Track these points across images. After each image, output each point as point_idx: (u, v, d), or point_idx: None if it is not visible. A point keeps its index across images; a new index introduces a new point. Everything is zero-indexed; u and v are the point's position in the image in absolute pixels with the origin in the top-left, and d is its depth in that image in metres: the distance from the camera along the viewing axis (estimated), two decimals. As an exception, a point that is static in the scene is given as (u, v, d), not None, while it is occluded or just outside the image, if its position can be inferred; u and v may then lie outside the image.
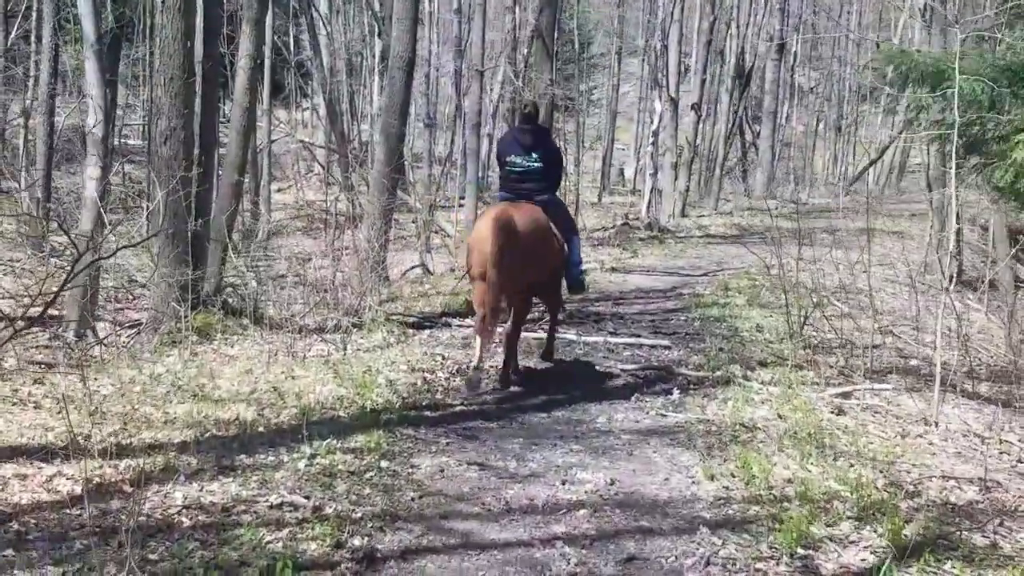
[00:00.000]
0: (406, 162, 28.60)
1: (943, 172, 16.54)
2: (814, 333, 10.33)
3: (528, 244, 7.38)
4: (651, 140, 26.06)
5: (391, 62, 13.88)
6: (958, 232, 15.69)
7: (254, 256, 22.68)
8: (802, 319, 10.14)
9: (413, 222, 20.77)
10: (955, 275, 13.87)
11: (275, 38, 28.43)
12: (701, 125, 29.71)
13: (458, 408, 7.08)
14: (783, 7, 33.13)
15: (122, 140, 27.11)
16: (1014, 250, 10.28)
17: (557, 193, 8.48)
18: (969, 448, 6.55)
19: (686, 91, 28.70)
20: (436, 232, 22.36)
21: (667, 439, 6.43)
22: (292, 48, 35.01)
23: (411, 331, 10.02)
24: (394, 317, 10.67)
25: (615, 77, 41.21)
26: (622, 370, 8.54)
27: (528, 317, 8.89)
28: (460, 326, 10.45)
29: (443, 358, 8.66)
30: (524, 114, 8.34)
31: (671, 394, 7.56)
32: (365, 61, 36.24)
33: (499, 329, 7.69)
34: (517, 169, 7.98)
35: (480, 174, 23.25)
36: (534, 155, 7.95)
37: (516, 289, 7.62)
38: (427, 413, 6.83)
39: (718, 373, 8.23)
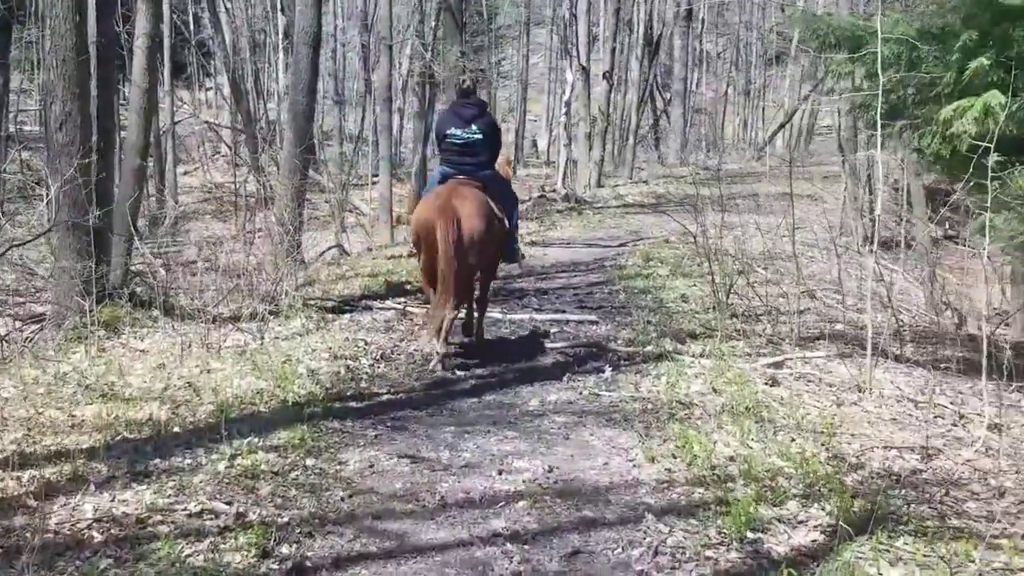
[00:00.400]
0: (316, 141, 28.14)
1: (855, 135, 16.84)
2: (740, 301, 10.22)
3: (476, 239, 7.55)
4: (564, 110, 25.88)
5: (296, 38, 13.45)
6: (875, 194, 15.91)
7: (162, 243, 22.06)
8: (727, 287, 10.03)
9: (327, 202, 20.33)
10: (873, 237, 14.05)
11: (174, 16, 27.59)
12: (613, 94, 29.59)
13: (385, 397, 6.77)
14: (690, -27, 33.22)
15: (18, 127, 26.10)
16: (942, 212, 10.23)
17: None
18: (904, 414, 6.45)
19: (596, 60, 28.61)
20: (351, 211, 21.96)
21: (603, 420, 6.22)
22: (192, 27, 34.06)
23: (331, 316, 9.69)
24: (312, 302, 10.32)
25: (524, 47, 41.04)
26: (551, 348, 8.32)
27: None
28: (381, 308, 10.15)
29: (366, 343, 8.36)
30: (462, 89, 8.47)
31: (603, 372, 7.37)
32: (269, 38, 35.44)
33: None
34: (458, 142, 8.04)
35: (393, 150, 22.83)
36: (474, 127, 8.04)
37: (468, 277, 7.89)
38: (353, 404, 6.51)
39: (649, 348, 8.06)
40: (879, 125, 7.28)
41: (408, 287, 11.91)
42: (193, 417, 6.05)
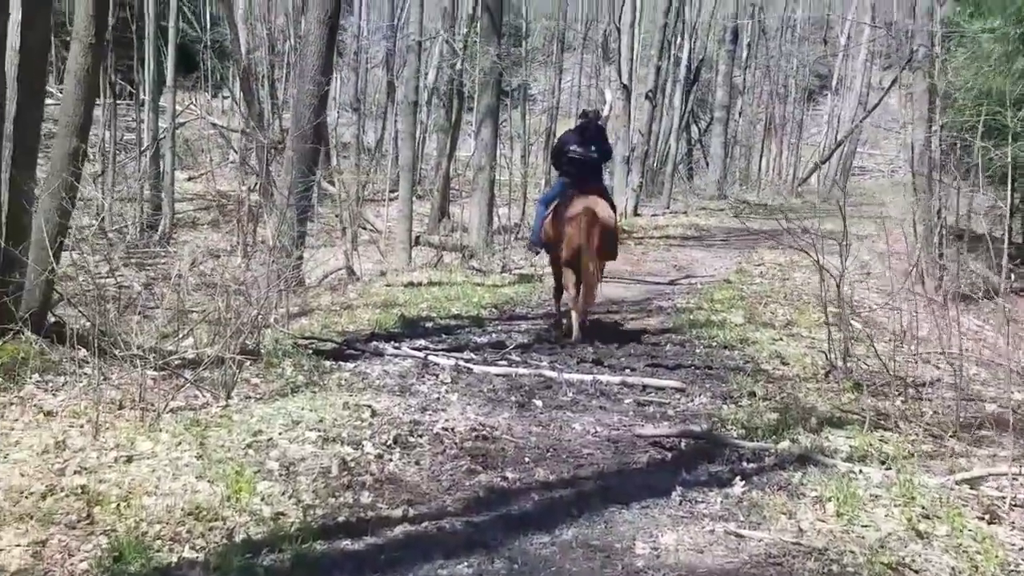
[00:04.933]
0: (331, 146, 25.81)
1: (930, 170, 15.11)
2: (856, 365, 7.87)
3: (613, 233, 9.29)
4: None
5: (309, 15, 11.12)
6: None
7: (152, 253, 19.68)
8: (844, 348, 7.69)
9: (337, 215, 17.94)
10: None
11: (182, 5, 25.32)
12: (658, 115, 27.25)
13: (399, 530, 4.14)
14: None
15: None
16: None
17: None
18: None
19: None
20: (364, 227, 19.56)
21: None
22: (208, 24, 31.86)
23: (328, 364, 7.25)
24: (305, 341, 7.91)
25: (556, 66, 38.87)
26: (639, 436, 5.76)
27: None
28: (396, 355, 7.71)
29: (373, 414, 5.84)
30: (584, 112, 10.07)
31: (731, 485, 4.83)
32: (288, 41, 33.29)
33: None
34: (577, 157, 9.43)
35: (416, 163, 20.42)
36: (592, 147, 9.49)
37: (601, 260, 9.30)
38: (346, 544, 3.95)
39: (783, 445, 5.53)
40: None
41: (429, 324, 9.48)
42: (65, 566, 3.56)
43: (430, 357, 7.64)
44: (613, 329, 9.91)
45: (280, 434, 5.28)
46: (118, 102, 24.04)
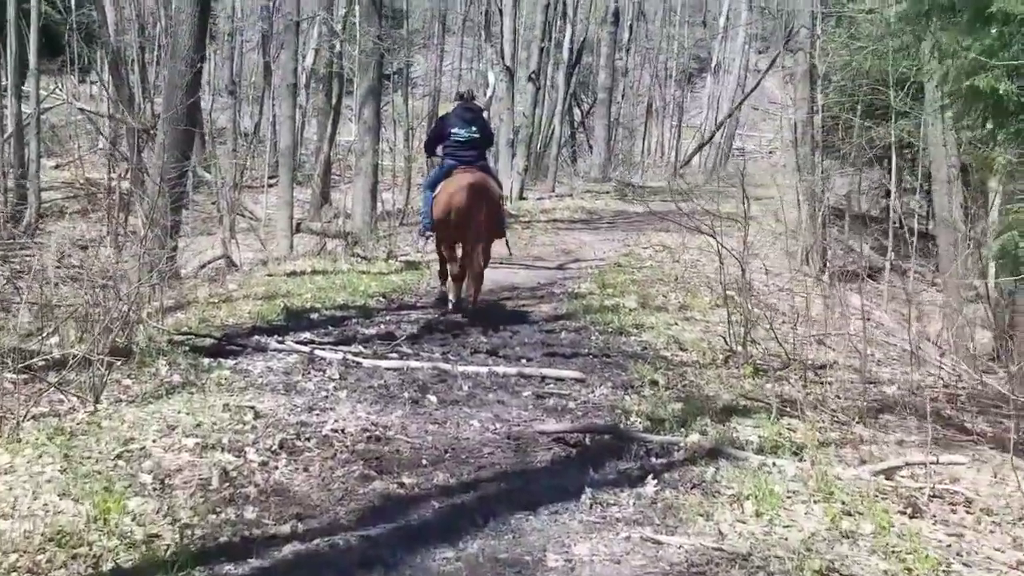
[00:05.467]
0: (207, 134, 24.92)
1: (812, 150, 15.33)
2: (756, 348, 7.80)
3: (497, 209, 9.37)
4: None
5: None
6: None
7: (16, 244, 18.75)
8: (744, 331, 7.60)
9: (213, 203, 17.24)
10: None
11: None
12: (541, 98, 27.04)
13: (287, 549, 3.72)
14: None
15: None
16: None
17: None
18: None
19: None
20: (242, 214, 18.88)
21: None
22: (73, 5, 30.41)
23: (207, 361, 6.76)
24: (181, 337, 7.40)
25: (438, 49, 38.45)
26: (541, 432, 5.44)
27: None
28: (280, 350, 7.26)
29: (256, 415, 5.42)
30: (462, 94, 9.90)
31: (643, 484, 4.54)
32: (159, 23, 31.99)
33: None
34: (461, 139, 9.42)
35: (295, 148, 19.77)
36: (473, 128, 9.49)
37: (489, 244, 9.35)
38: (228, 568, 3.53)
39: (692, 438, 5.27)
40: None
41: (315, 316, 9.03)
42: None
43: (316, 351, 7.21)
44: (506, 316, 9.61)
45: (154, 442, 4.84)
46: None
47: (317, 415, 5.57)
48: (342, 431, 5.24)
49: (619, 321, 9.19)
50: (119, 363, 6.21)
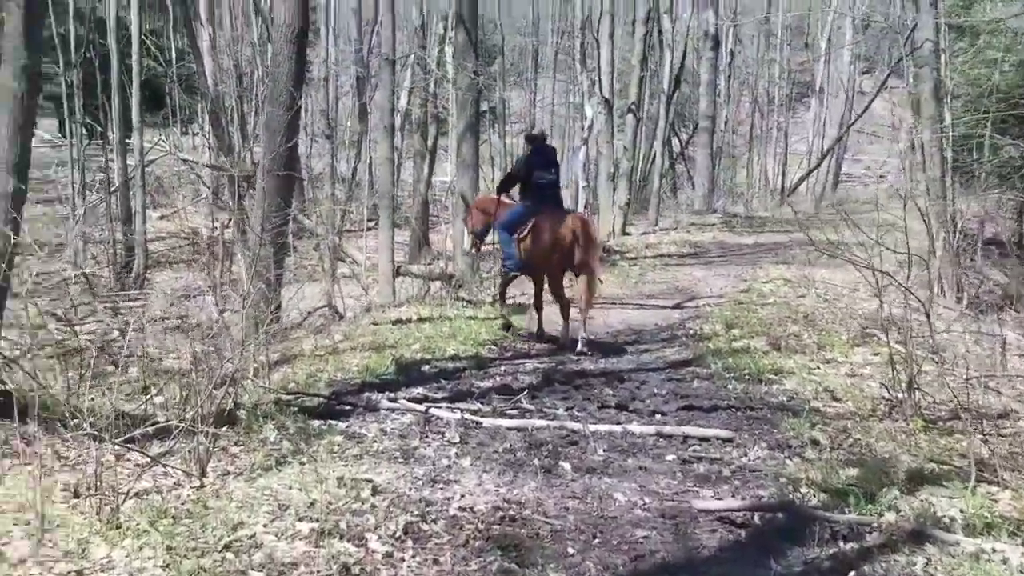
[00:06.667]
0: (305, 181, 24.81)
1: (943, 173, 14.31)
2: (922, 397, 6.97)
3: (598, 247, 10.28)
4: (581, 148, 22.63)
5: (275, 34, 10.22)
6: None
7: (127, 296, 18.79)
8: (911, 377, 6.76)
9: (315, 249, 16.94)
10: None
11: (145, 39, 24.28)
12: (641, 129, 26.39)
13: None
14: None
15: None
16: None
17: None
18: None
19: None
20: (343, 259, 18.55)
21: None
22: (173, 59, 30.80)
23: (316, 423, 6.27)
24: (289, 396, 6.90)
25: (532, 83, 38.16)
26: (701, 511, 4.77)
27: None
28: (393, 409, 6.72)
29: (374, 490, 4.86)
30: (535, 136, 10.25)
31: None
32: (256, 72, 32.25)
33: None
34: (544, 181, 9.79)
35: (394, 190, 19.39)
36: (553, 171, 9.94)
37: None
38: None
39: (886, 517, 4.50)
40: None
41: (426, 368, 8.49)
42: None
43: (432, 410, 6.67)
44: (629, 363, 8.96)
45: (265, 527, 4.31)
46: (86, 143, 23.27)
47: (441, 489, 4.99)
48: (471, 509, 4.65)
49: (754, 366, 8.45)
50: (224, 431, 5.72)
